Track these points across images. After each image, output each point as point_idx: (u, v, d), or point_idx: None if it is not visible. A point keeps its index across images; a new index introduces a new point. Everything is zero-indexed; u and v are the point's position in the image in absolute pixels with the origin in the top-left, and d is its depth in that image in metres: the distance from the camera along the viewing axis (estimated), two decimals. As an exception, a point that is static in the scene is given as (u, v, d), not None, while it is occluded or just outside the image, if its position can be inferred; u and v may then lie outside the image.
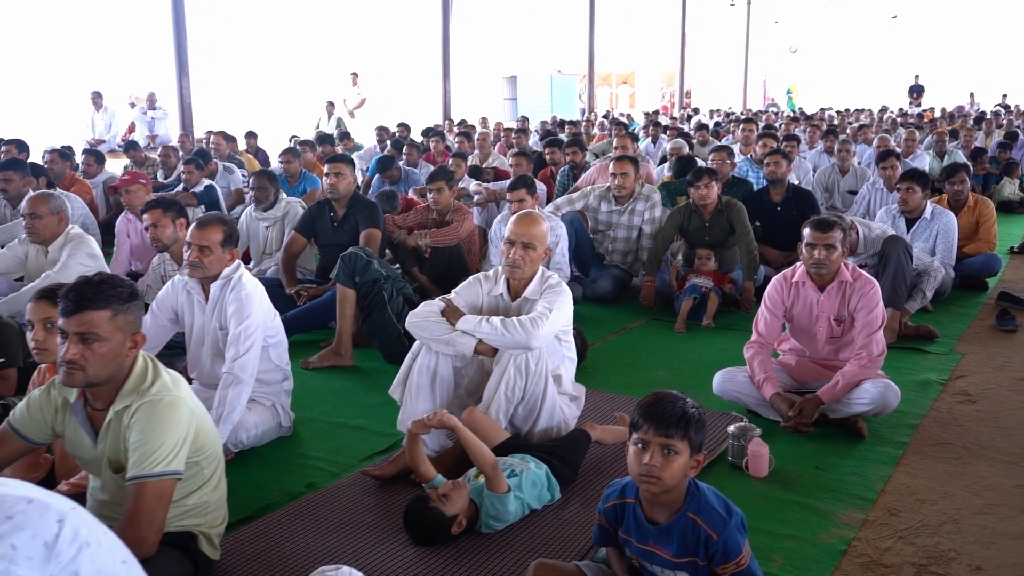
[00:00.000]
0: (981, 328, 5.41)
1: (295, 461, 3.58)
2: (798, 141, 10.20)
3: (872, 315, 3.81)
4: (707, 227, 6.02)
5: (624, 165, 6.14)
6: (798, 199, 6.79)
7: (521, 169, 7.99)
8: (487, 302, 3.57)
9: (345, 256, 4.72)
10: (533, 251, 3.45)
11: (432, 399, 3.37)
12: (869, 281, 3.86)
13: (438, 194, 6.11)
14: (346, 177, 5.42)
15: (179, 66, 12.80)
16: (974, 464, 3.44)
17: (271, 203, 6.22)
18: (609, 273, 6.18)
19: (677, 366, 4.77)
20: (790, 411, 3.71)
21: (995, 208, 10.38)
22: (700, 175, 5.89)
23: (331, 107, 17.39)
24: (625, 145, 7.93)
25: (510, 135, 12.46)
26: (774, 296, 4.01)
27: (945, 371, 4.57)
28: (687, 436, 2.17)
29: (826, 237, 3.81)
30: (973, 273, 6.38)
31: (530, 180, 5.72)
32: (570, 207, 6.32)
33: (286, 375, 3.79)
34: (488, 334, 3.27)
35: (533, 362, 3.29)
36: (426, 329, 3.37)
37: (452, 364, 3.42)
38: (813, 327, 3.98)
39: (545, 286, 3.48)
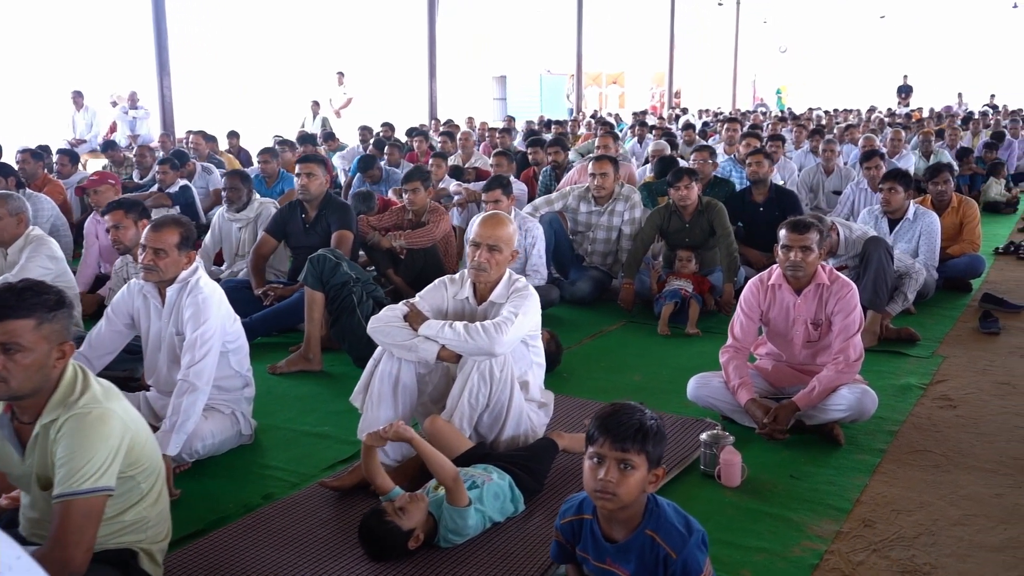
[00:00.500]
0: (964, 330, 5.32)
1: (254, 471, 3.46)
2: (783, 141, 10.11)
3: (849, 319, 3.71)
4: (687, 228, 5.93)
5: (603, 165, 6.04)
6: (780, 199, 6.70)
7: (502, 169, 7.88)
8: (453, 306, 3.46)
9: (313, 258, 4.60)
10: (499, 254, 3.34)
11: (394, 407, 3.26)
12: (846, 284, 3.76)
13: (413, 195, 6.00)
14: (318, 178, 5.30)
15: (160, 65, 12.62)
16: (952, 472, 3.35)
17: (244, 204, 6.10)
18: (588, 275, 6.08)
19: (653, 371, 4.66)
20: (765, 418, 3.61)
21: (981, 209, 10.41)
22: (680, 176, 5.80)
23: (316, 107, 17.23)
24: (607, 145, 7.82)
25: (494, 135, 12.35)
26: (750, 299, 3.91)
27: (926, 375, 4.48)
28: (644, 450, 2.06)
29: (802, 239, 3.71)
30: (957, 274, 6.30)
31: (505, 180, 5.61)
32: (549, 208, 6.22)
33: (247, 381, 3.68)
34: (451, 340, 3.16)
35: (498, 368, 3.18)
36: (388, 334, 3.26)
37: (415, 371, 3.31)
38: (790, 331, 3.88)
39: (512, 290, 3.37)
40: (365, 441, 2.88)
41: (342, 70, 18.93)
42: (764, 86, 35.22)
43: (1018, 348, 4.91)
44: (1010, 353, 4.84)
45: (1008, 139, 12.91)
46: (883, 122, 16.63)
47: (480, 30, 30.58)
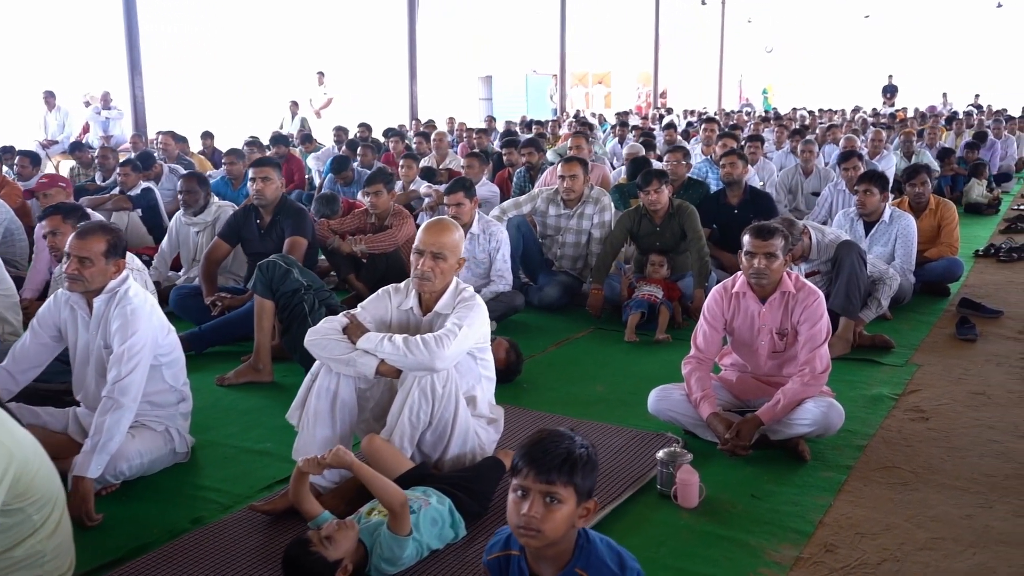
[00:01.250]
0: (940, 337, 5.17)
1: (186, 492, 3.27)
2: (761, 142, 9.97)
3: (816, 328, 3.55)
4: (658, 232, 5.76)
5: (572, 167, 5.86)
6: (756, 201, 6.55)
7: (473, 171, 7.70)
8: (396, 317, 3.28)
9: (262, 265, 4.41)
10: (444, 262, 3.15)
11: (332, 425, 3.08)
12: (813, 292, 3.60)
13: (376, 197, 5.82)
14: (273, 182, 5.10)
15: (131, 64, 12.39)
16: (921, 491, 3.18)
17: (201, 207, 5.91)
18: (557, 280, 5.90)
19: (617, 381, 4.49)
20: (727, 433, 3.44)
21: (963, 210, 10.30)
22: (649, 179, 5.62)
23: (295, 107, 17.04)
24: (579, 145, 7.65)
25: (471, 136, 12.17)
26: (713, 308, 3.75)
27: (899, 385, 4.32)
28: (572, 482, 1.89)
29: (766, 245, 3.55)
30: (934, 278, 6.15)
31: (468, 183, 5.43)
32: (517, 211, 6.04)
33: (183, 396, 3.49)
34: (390, 354, 2.97)
35: (440, 384, 3.00)
36: (325, 348, 3.08)
37: (355, 386, 3.13)
38: (755, 341, 3.72)
39: (458, 300, 3.19)
40: (301, 467, 2.69)
41: (322, 70, 18.73)
42: (750, 86, 35.13)
43: (994, 356, 4.76)
44: (986, 361, 4.69)
45: (991, 139, 12.81)
46: (866, 122, 16.52)
47: (466, 30, 30.41)
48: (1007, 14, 28.25)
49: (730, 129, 12.05)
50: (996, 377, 4.43)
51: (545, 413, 3.96)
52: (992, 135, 13.15)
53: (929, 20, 30.60)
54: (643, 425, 3.79)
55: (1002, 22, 28.85)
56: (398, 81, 19.07)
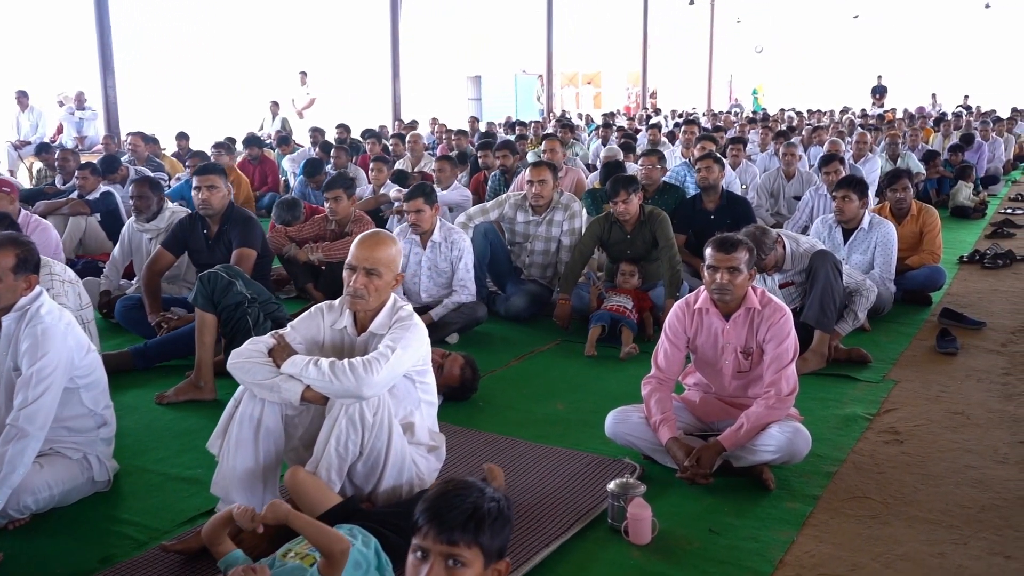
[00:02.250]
0: (920, 350, 4.96)
1: (101, 525, 3.03)
2: (744, 144, 9.77)
3: (782, 347, 3.33)
4: (629, 239, 5.54)
5: (541, 172, 5.64)
6: (733, 207, 6.33)
7: (445, 175, 7.48)
8: (330, 337, 3.04)
9: (203, 276, 4.17)
10: (378, 279, 2.92)
11: (255, 455, 2.84)
12: (779, 308, 3.38)
13: (335, 203, 5.59)
14: (220, 190, 4.85)
15: (103, 63, 12.15)
16: (892, 524, 2.96)
17: (154, 213, 5.66)
18: (524, 289, 5.67)
19: (579, 398, 4.26)
20: (687, 460, 3.22)
21: (949, 213, 10.12)
22: (617, 188, 5.39)
23: (275, 107, 16.73)
24: (553, 148, 7.42)
25: (450, 137, 11.94)
26: (675, 325, 3.53)
27: (874, 403, 4.11)
28: (478, 541, 1.66)
29: (729, 259, 3.33)
30: (916, 287, 5.95)
31: (428, 188, 5.20)
32: (484, 217, 5.81)
33: (104, 420, 3.25)
34: (315, 380, 2.74)
35: (370, 412, 2.76)
36: (248, 372, 2.84)
37: (281, 412, 2.90)
38: (719, 360, 3.50)
39: (394, 319, 2.96)
40: (235, 516, 2.45)
41: (305, 69, 18.46)
42: (741, 86, 34.98)
43: (975, 371, 4.55)
44: (966, 377, 4.48)
45: (977, 141, 12.63)
46: (853, 124, 16.33)
47: (455, 30, 30.19)
48: (995, 15, 28.14)
49: (714, 130, 11.85)
50: (976, 395, 4.21)
51: (498, 435, 3.73)
52: (979, 137, 12.97)
53: (918, 21, 30.49)
54: (601, 449, 3.56)
55: (990, 23, 28.74)
56: (382, 81, 18.84)
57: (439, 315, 5.13)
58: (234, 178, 8.75)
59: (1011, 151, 14.59)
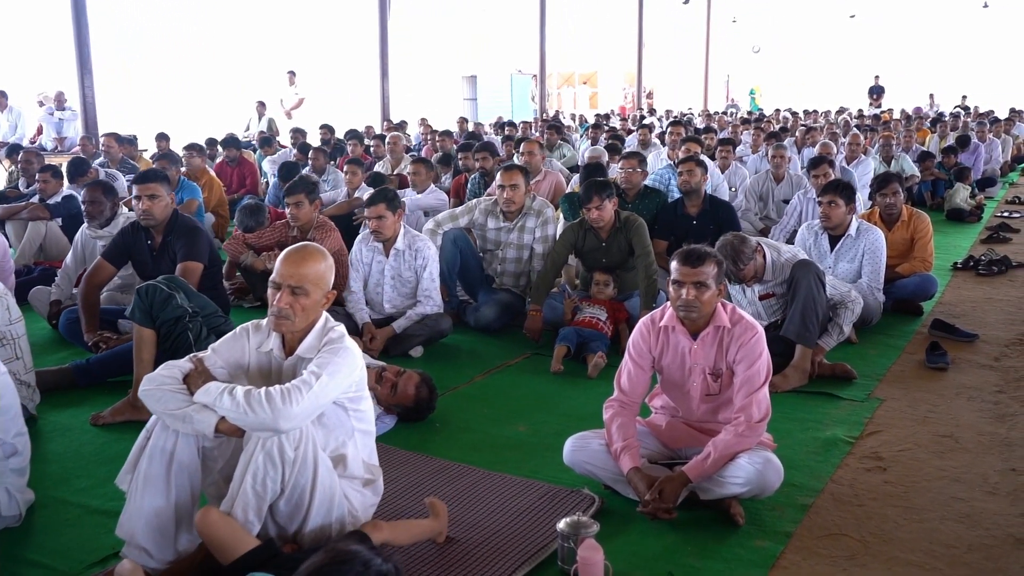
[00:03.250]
0: (908, 365, 4.70)
1: (3, 568, 2.76)
2: (734, 146, 9.51)
3: (753, 369, 3.07)
4: (604, 247, 5.28)
5: (512, 176, 5.37)
6: (716, 211, 6.08)
7: (420, 178, 7.23)
8: (255, 360, 2.78)
9: (141, 289, 3.91)
10: (305, 297, 2.66)
11: (166, 493, 2.58)
12: (750, 327, 3.12)
13: (296, 209, 5.33)
14: (161, 199, 4.56)
15: (80, 63, 11.87)
16: (870, 567, 2.70)
17: (107, 219, 5.41)
18: (495, 299, 5.41)
19: (543, 419, 3.99)
20: (648, 493, 2.95)
21: (945, 216, 9.85)
22: (590, 193, 5.13)
23: (262, 107, 16.46)
24: (531, 151, 7.16)
25: (434, 138, 11.68)
26: (639, 344, 3.26)
27: (857, 424, 3.85)
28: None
29: (696, 273, 3.07)
30: (906, 296, 5.69)
31: (391, 194, 4.93)
32: (453, 223, 5.55)
33: (14, 449, 2.99)
34: (229, 411, 2.48)
35: (291, 446, 2.50)
36: (159, 399, 2.58)
37: (198, 444, 2.63)
38: (686, 381, 3.24)
39: (324, 341, 2.70)
40: None
41: (293, 69, 18.20)
42: (738, 86, 34.72)
43: (965, 389, 4.29)
44: (957, 395, 4.21)
45: (974, 143, 12.36)
46: (848, 124, 16.07)
47: (451, 29, 29.96)
48: (993, 14, 27.88)
49: (705, 131, 11.59)
50: (966, 415, 3.95)
51: (450, 462, 3.47)
52: (976, 138, 12.71)
53: (915, 20, 30.22)
54: (560, 477, 3.30)
55: (988, 22, 28.48)
56: (371, 81, 18.57)
57: (402, 327, 4.88)
58: (206, 181, 8.51)
59: (1009, 152, 14.33)
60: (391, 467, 3.38)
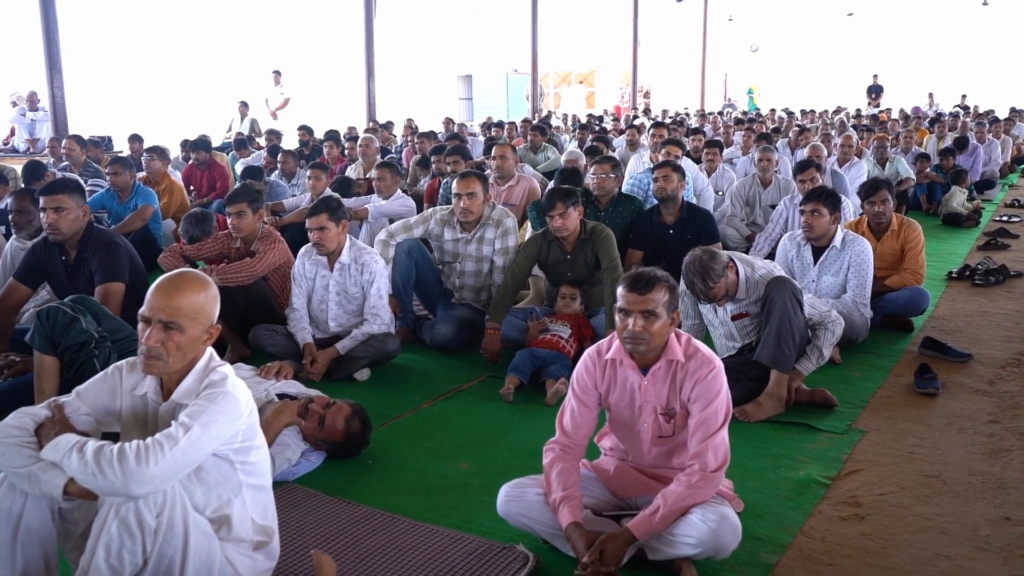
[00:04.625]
0: (895, 389, 4.32)
1: None
2: (721, 148, 9.12)
3: (710, 410, 2.70)
4: (569, 260, 4.91)
5: (469, 183, 4.99)
6: (694, 220, 5.71)
7: (385, 183, 6.85)
8: (129, 405, 2.41)
9: (42, 312, 3.54)
10: (180, 334, 2.29)
11: (11, 563, 2.21)
12: (707, 361, 2.74)
13: (238, 219, 4.94)
14: (69, 212, 4.14)
15: (49, 62, 11.50)
16: (837, 646, 2.33)
17: (36, 229, 5.01)
18: (453, 315, 5.03)
19: (489, 454, 3.61)
20: (587, 553, 2.57)
21: (941, 221, 9.47)
22: (553, 200, 4.75)
23: (244, 108, 16.09)
24: (503, 155, 6.77)
25: (413, 139, 11.29)
26: (583, 378, 2.88)
27: (835, 462, 3.47)
28: None
29: (644, 300, 2.69)
30: (896, 311, 5.31)
31: (334, 203, 4.55)
32: (407, 234, 5.16)
33: None
34: (77, 471, 2.10)
35: (151, 512, 2.13)
36: (3, 455, 2.21)
37: (52, 505, 2.26)
38: (636, 422, 2.86)
39: (204, 384, 2.32)
40: None
41: (279, 69, 17.83)
42: (736, 86, 34.33)
43: (956, 418, 3.91)
44: (947, 425, 3.83)
45: (972, 144, 11.97)
46: (844, 124, 15.68)
47: (445, 28, 29.64)
48: (993, 12, 27.48)
49: (692, 132, 11.21)
50: (956, 450, 3.57)
51: (375, 509, 3.08)
52: (974, 139, 12.32)
53: (914, 18, 29.81)
54: (495, 529, 2.93)
55: (988, 21, 28.07)
56: (358, 80, 18.20)
57: (346, 348, 4.50)
58: (166, 185, 8.15)
59: (1009, 153, 13.93)
60: (306, 515, 3.01)
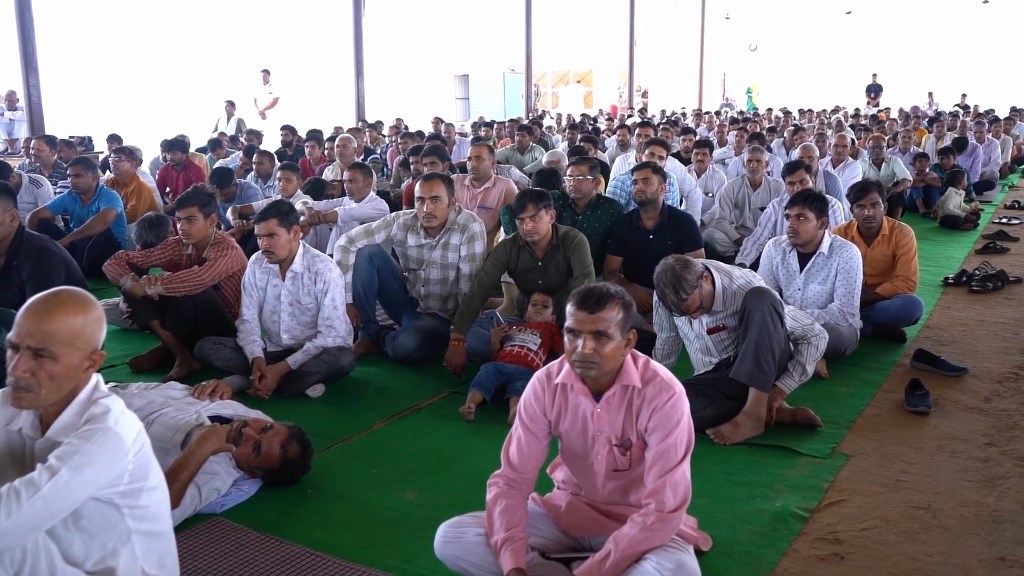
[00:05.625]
0: (884, 407, 4.03)
1: None
2: (711, 148, 8.83)
3: (668, 442, 2.41)
4: (540, 267, 4.63)
5: (432, 186, 4.70)
6: (674, 225, 5.42)
7: (357, 186, 6.53)
8: (4, 441, 2.13)
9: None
10: (53, 362, 2.00)
11: None
12: (666, 387, 2.45)
13: (188, 224, 4.66)
14: None
15: (25, 61, 11.22)
16: None
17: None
18: (417, 325, 4.75)
19: (440, 482, 3.33)
20: (529, 605, 2.29)
21: (938, 224, 9.18)
22: (524, 202, 4.48)
23: (231, 107, 15.81)
24: (479, 155, 6.47)
25: (397, 140, 11.00)
26: (531, 405, 2.60)
27: (815, 491, 3.18)
28: None
29: (594, 320, 2.40)
30: (887, 320, 5.02)
31: (285, 209, 4.27)
32: (368, 239, 4.88)
33: None
34: (-79, 523, 1.82)
35: (9, 569, 1.84)
36: None
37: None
38: (589, 453, 2.57)
39: (85, 419, 2.04)
40: None
41: (268, 68, 17.55)
42: (734, 85, 34.02)
43: (949, 440, 3.62)
44: (939, 449, 3.55)
45: (972, 144, 11.67)
46: (841, 124, 15.37)
47: (442, 28, 29.39)
48: (993, 10, 27.17)
49: (683, 133, 10.92)
50: (948, 478, 3.28)
51: (305, 548, 2.80)
52: (974, 139, 12.02)
53: (913, 17, 29.48)
54: (434, 571, 2.64)
55: (989, 18, 27.75)
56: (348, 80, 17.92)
57: (298, 362, 4.22)
58: (135, 187, 7.88)
59: (1009, 153, 13.63)
60: (228, 554, 2.73)
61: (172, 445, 3.14)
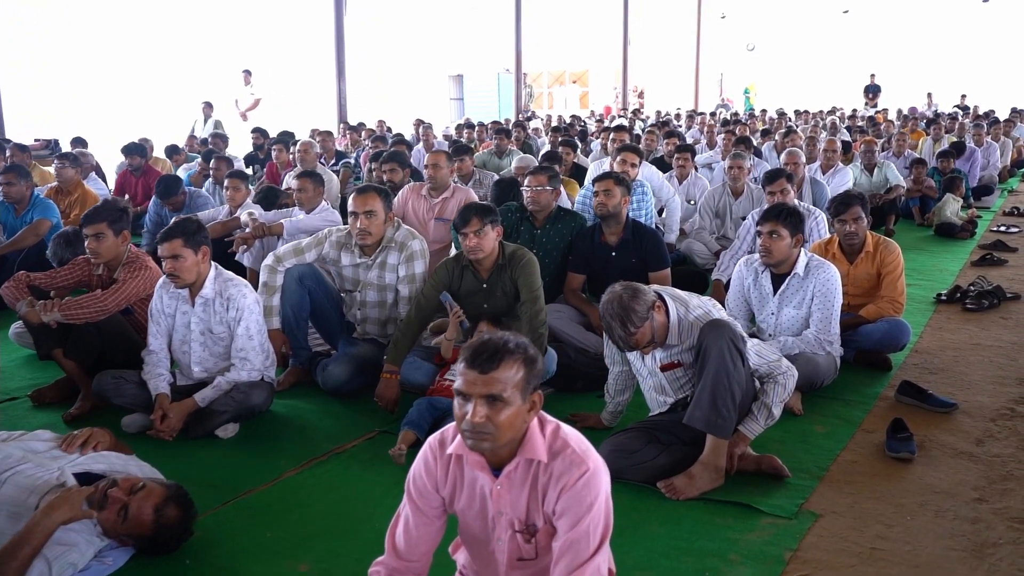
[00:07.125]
0: (863, 451, 3.58)
1: None
2: (693, 153, 8.38)
3: (580, 530, 1.96)
4: (485, 289, 4.18)
5: (367, 200, 4.24)
6: (639, 241, 4.96)
7: (307, 195, 6.06)
8: None
9: None
10: None
11: None
12: (578, 462, 2.00)
13: (96, 242, 4.20)
14: None
15: (-17, 61, 10.78)
16: None
17: None
18: (349, 353, 4.30)
19: (342, 549, 2.87)
20: None
21: (934, 232, 8.72)
22: (467, 216, 4.03)
23: (209, 109, 15.35)
24: (436, 163, 6.00)
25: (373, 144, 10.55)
26: (420, 479, 2.15)
27: (775, 563, 2.73)
28: None
29: (487, 381, 1.95)
30: (871, 347, 4.57)
31: (191, 227, 3.76)
32: (297, 259, 4.42)
33: None
34: None
35: None
36: None
37: None
38: (490, 538, 2.13)
39: None
40: None
41: (249, 68, 17.10)
42: (732, 85, 33.57)
43: (934, 495, 3.16)
44: (922, 506, 3.09)
45: (970, 148, 11.21)
46: (836, 126, 14.92)
47: (436, 28, 28.97)
48: (993, 10, 26.70)
49: (667, 136, 10.47)
50: (931, 544, 2.83)
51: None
52: (972, 142, 11.56)
53: (912, 16, 29.02)
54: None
55: (988, 18, 27.28)
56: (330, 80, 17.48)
57: (207, 399, 3.77)
58: (79, 195, 7.44)
59: (1008, 157, 13.17)
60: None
61: (25, 509, 2.69)
